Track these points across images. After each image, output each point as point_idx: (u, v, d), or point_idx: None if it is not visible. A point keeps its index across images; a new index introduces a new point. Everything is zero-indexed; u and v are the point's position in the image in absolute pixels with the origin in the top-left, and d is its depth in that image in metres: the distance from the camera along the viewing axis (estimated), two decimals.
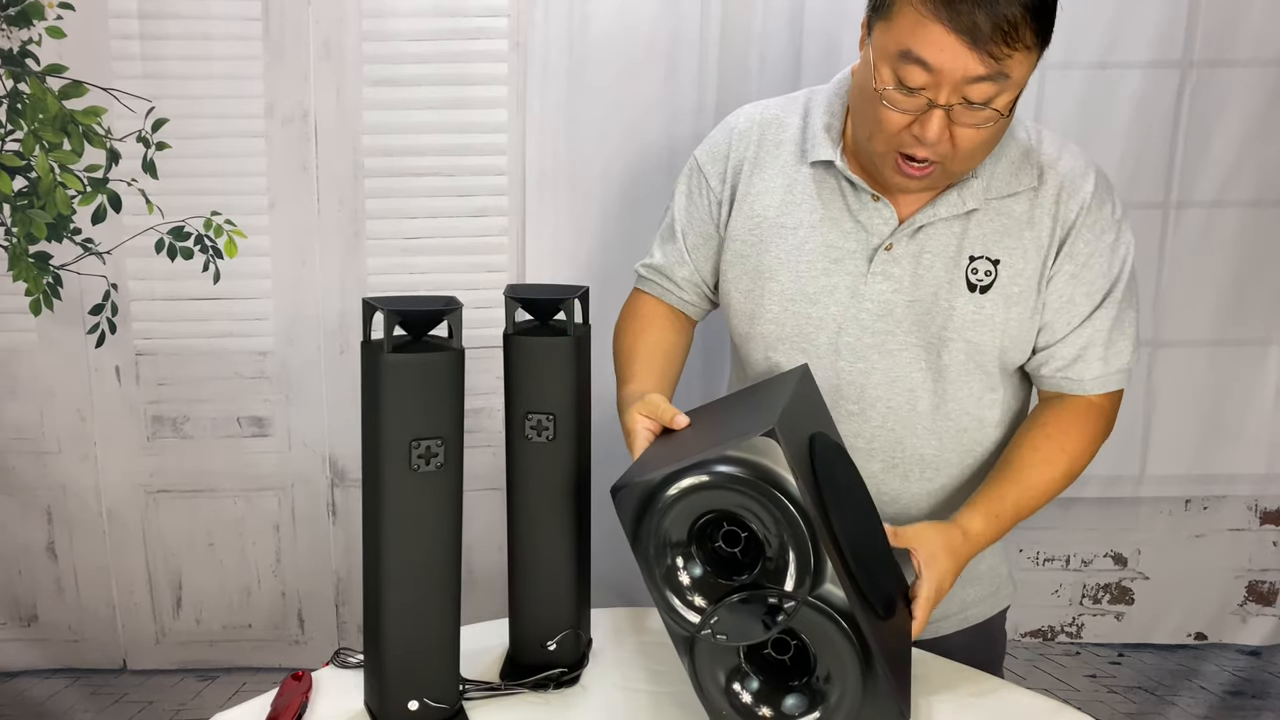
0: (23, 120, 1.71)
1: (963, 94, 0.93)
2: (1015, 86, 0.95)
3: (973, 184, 1.05)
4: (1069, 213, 1.06)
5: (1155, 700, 1.97)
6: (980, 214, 1.06)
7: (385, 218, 1.80)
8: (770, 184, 1.12)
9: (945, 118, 0.95)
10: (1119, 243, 1.08)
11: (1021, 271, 1.06)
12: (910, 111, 0.96)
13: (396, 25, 1.73)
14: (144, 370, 1.84)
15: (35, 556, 1.90)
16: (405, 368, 0.84)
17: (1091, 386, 1.10)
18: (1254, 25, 1.75)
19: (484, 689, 0.98)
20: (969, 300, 1.06)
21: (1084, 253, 1.06)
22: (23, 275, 1.78)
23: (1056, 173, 1.07)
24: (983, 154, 1.01)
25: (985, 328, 1.07)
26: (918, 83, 0.94)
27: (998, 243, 1.06)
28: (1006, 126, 1.00)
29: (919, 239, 1.07)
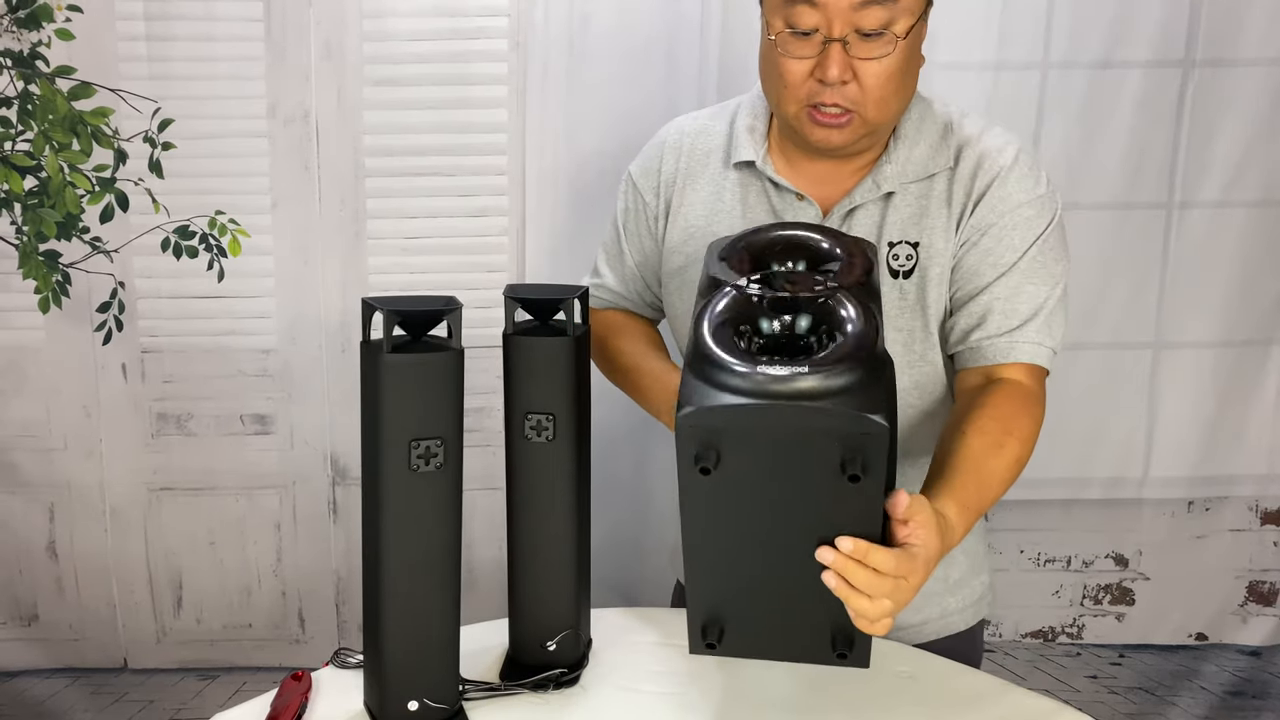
0: (33, 121, 1.72)
1: (855, 24, 0.93)
2: (907, 11, 0.95)
3: (886, 168, 1.05)
4: (981, 185, 1.04)
5: (1156, 701, 1.96)
6: (898, 198, 1.05)
7: (386, 217, 1.81)
8: (700, 194, 1.13)
9: (844, 53, 0.94)
10: (1037, 218, 1.04)
11: (941, 251, 1.04)
12: (808, 56, 0.96)
13: (397, 25, 1.73)
14: (149, 367, 1.85)
15: (36, 555, 1.91)
16: (405, 368, 0.84)
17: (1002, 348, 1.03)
18: (1256, 25, 1.74)
19: (484, 689, 0.98)
20: (893, 287, 1.05)
21: (991, 222, 1.03)
22: (32, 273, 1.79)
23: (974, 150, 1.05)
24: (895, 98, 0.99)
25: (911, 314, 1.06)
26: (809, 23, 0.94)
27: (915, 225, 1.05)
28: (913, 65, 0.99)
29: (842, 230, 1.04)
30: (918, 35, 0.98)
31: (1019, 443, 0.98)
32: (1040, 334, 1.04)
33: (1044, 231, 1.04)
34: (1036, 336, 1.04)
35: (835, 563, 0.76)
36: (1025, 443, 0.99)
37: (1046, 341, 1.04)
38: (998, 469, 0.96)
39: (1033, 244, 1.03)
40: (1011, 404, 1.00)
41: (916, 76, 1.03)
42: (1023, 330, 1.03)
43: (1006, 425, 0.98)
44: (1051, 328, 1.05)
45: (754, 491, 0.76)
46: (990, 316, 1.04)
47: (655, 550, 1.91)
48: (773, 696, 1.00)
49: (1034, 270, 1.04)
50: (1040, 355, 1.04)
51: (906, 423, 1.11)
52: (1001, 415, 0.98)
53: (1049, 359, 1.05)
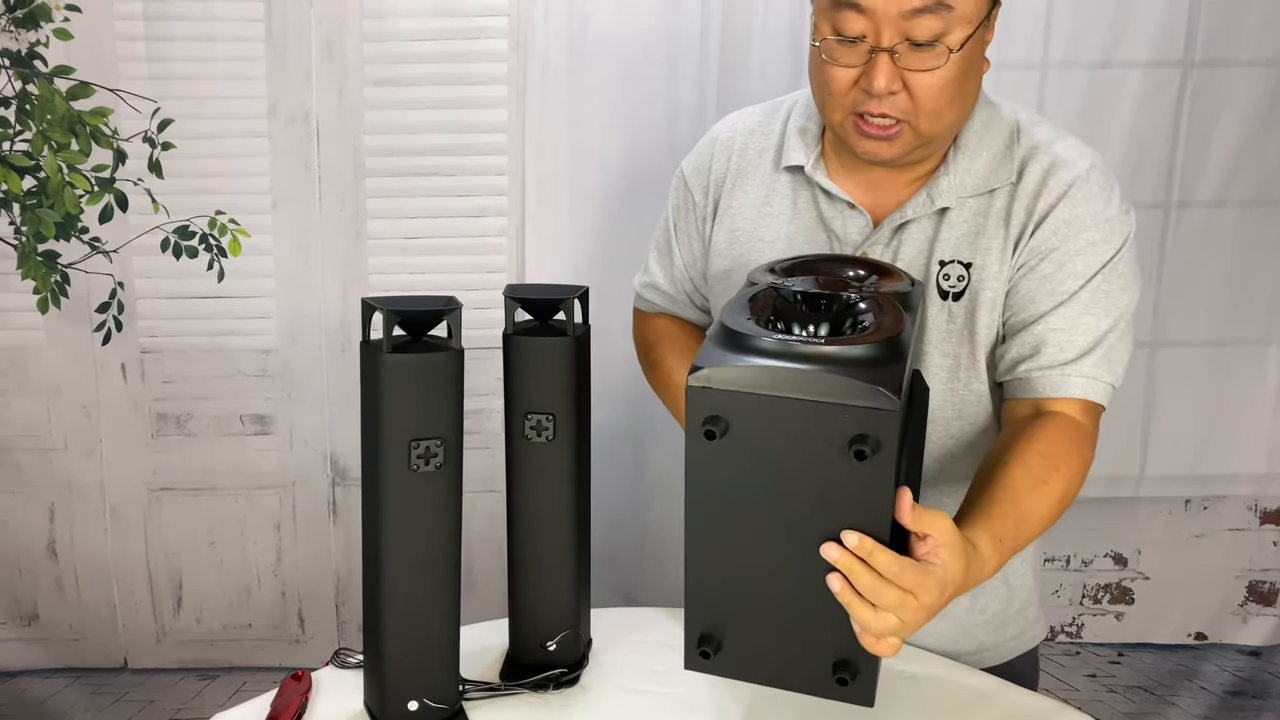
0: (32, 121, 1.72)
1: (906, 34, 0.86)
2: (964, 21, 0.87)
3: (943, 180, 0.98)
4: (1045, 204, 0.96)
5: (1155, 700, 1.97)
6: (954, 214, 0.98)
7: (386, 217, 1.81)
8: (749, 196, 1.08)
9: (892, 63, 0.88)
10: (1104, 243, 0.96)
11: (995, 274, 0.97)
12: (854, 64, 0.89)
13: (397, 25, 1.73)
14: (149, 368, 1.85)
15: (36, 555, 1.91)
16: (405, 368, 0.84)
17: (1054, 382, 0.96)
18: (1254, 25, 1.75)
19: (484, 689, 0.98)
20: (941, 309, 0.99)
21: (1053, 246, 0.95)
22: (31, 273, 1.79)
23: (1040, 163, 0.97)
24: (951, 109, 0.92)
25: (958, 339, 0.99)
26: (856, 29, 0.87)
27: (970, 244, 0.98)
28: (971, 74, 0.92)
29: (892, 245, 1.00)
30: (977, 43, 0.90)
31: (1064, 480, 0.91)
32: (1097, 368, 0.96)
33: (1111, 259, 0.96)
34: (1093, 371, 0.96)
35: (840, 560, 0.72)
36: (1071, 481, 0.92)
37: (1104, 376, 0.96)
38: (1039, 506, 0.89)
39: (1097, 272, 0.95)
40: (1060, 439, 0.93)
41: (978, 85, 0.95)
42: (1078, 364, 0.96)
43: (1053, 461, 0.91)
44: (1111, 361, 0.97)
45: (761, 472, 0.74)
46: (1044, 348, 0.96)
47: (655, 550, 1.91)
48: (773, 697, 1.00)
49: (1096, 300, 0.96)
50: (1096, 391, 0.96)
51: (946, 450, 1.05)
52: (1048, 450, 0.91)
53: (1106, 395, 0.97)
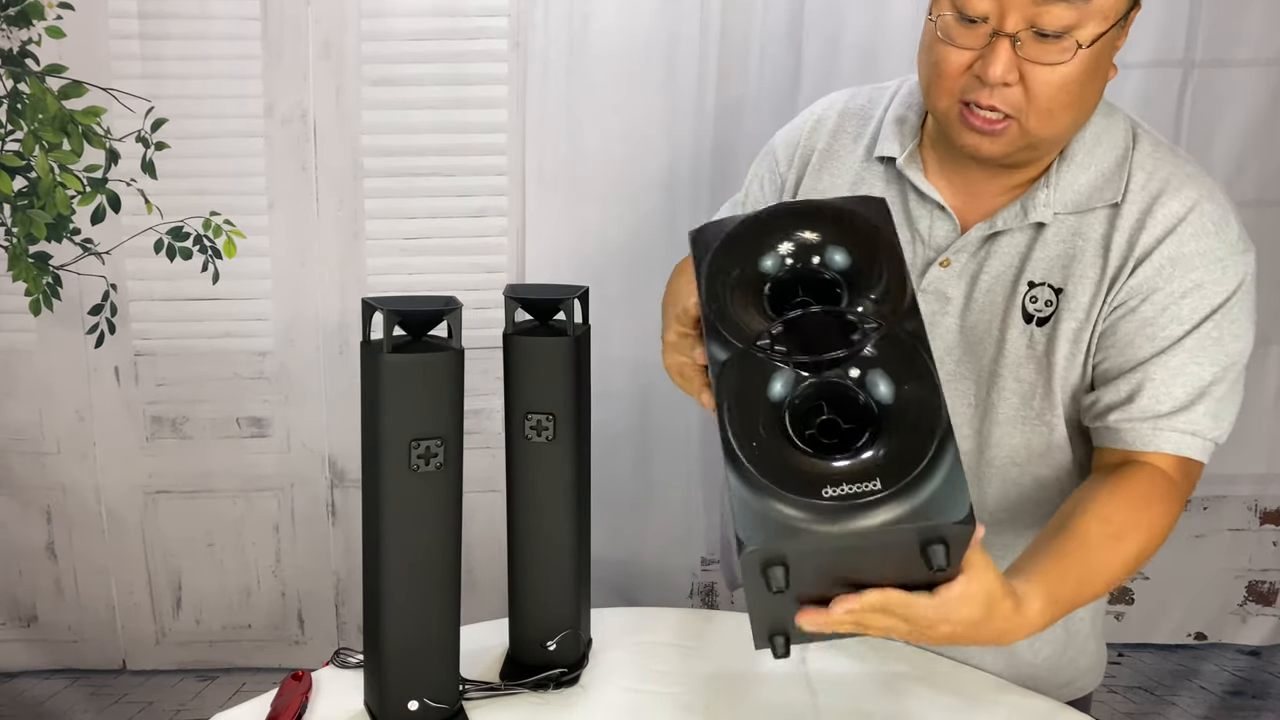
0: (23, 120, 1.71)
1: (1033, 21, 0.79)
2: (1100, 16, 0.79)
3: (1041, 193, 0.90)
4: (1149, 239, 0.87)
5: (1155, 700, 1.97)
6: (1050, 231, 0.90)
7: (385, 218, 1.80)
8: (837, 180, 1.01)
9: (1012, 51, 0.80)
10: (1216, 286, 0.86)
11: (1085, 307, 0.89)
12: (971, 47, 0.82)
13: (396, 25, 1.73)
14: (143, 370, 1.84)
15: (35, 557, 1.90)
16: (405, 368, 0.84)
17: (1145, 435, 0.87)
18: (1255, 25, 1.75)
19: (484, 689, 0.98)
20: (1022, 333, 0.92)
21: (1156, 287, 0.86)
22: (22, 275, 1.78)
23: (1148, 188, 0.88)
24: (1067, 113, 0.84)
25: (1036, 366, 0.92)
26: (980, 10, 0.80)
27: (1063, 268, 0.90)
28: (1096, 77, 0.84)
29: (979, 256, 0.93)
30: (1108, 44, 0.83)
31: (1143, 538, 0.85)
32: (1197, 422, 0.88)
33: (1223, 304, 0.87)
34: (1190, 425, 0.88)
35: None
36: (1152, 539, 0.86)
37: (1205, 431, 0.88)
38: (1110, 564, 0.84)
39: (1205, 319, 0.87)
40: (1145, 492, 0.86)
41: (1100, 90, 0.88)
42: (1173, 418, 0.88)
43: (1134, 516, 0.85)
44: (1215, 417, 0.89)
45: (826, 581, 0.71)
46: (1138, 398, 0.88)
47: (655, 550, 1.90)
48: (773, 696, 1.00)
49: (1202, 348, 0.87)
50: (1191, 447, 0.89)
51: (1014, 490, 0.98)
52: (1131, 503, 0.85)
53: (1204, 452, 0.89)
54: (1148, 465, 0.89)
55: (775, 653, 0.75)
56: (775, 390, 0.69)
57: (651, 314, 1.20)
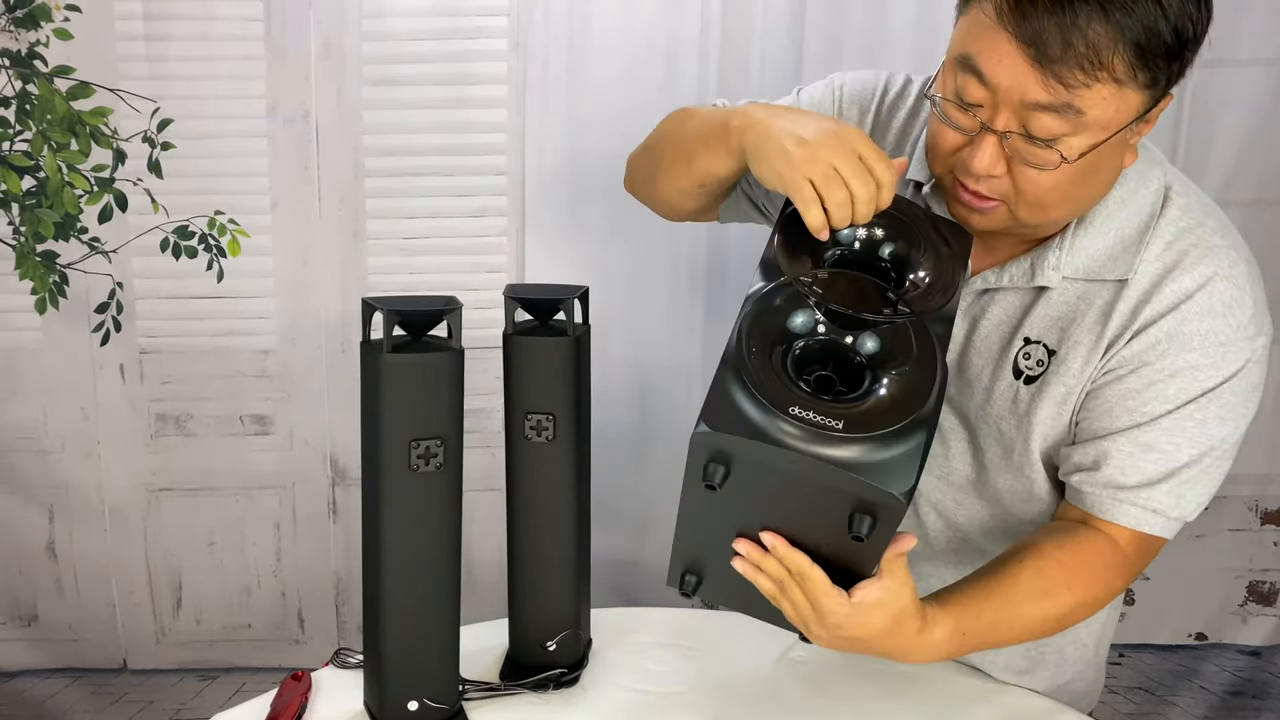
0: (31, 121, 1.71)
1: (1023, 123, 0.76)
2: (1096, 128, 0.74)
3: (1051, 256, 0.86)
4: (1150, 313, 0.83)
5: (1155, 700, 1.96)
6: (1054, 292, 0.87)
7: (385, 218, 1.80)
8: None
9: (999, 148, 0.77)
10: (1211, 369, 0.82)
11: (1074, 374, 0.87)
12: (964, 131, 0.80)
13: (396, 25, 1.73)
14: (148, 368, 1.85)
15: (35, 556, 1.91)
16: (404, 368, 0.84)
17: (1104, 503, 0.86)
18: (1255, 25, 1.74)
19: (484, 689, 0.98)
20: (1009, 387, 0.89)
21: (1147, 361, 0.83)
22: (29, 274, 1.78)
23: (1160, 260, 0.83)
24: (1059, 209, 0.81)
25: (1016, 423, 0.90)
26: (974, 98, 0.77)
27: (1060, 330, 0.87)
28: (1094, 178, 0.80)
29: (982, 301, 0.91)
30: (1111, 148, 0.77)
31: (1073, 600, 0.84)
32: (1158, 500, 0.85)
33: (1214, 388, 0.83)
34: (1151, 502, 0.85)
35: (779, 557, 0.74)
36: (1082, 604, 0.85)
37: (1167, 510, 0.85)
38: (1030, 616, 0.84)
39: (1190, 401, 0.83)
40: (1089, 559, 0.85)
41: (1109, 180, 0.83)
42: (1136, 492, 0.85)
43: (1070, 577, 0.84)
44: (1180, 497, 0.85)
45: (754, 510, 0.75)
46: (1105, 466, 0.85)
47: (655, 550, 1.91)
48: (772, 696, 1.00)
49: (1181, 429, 0.84)
50: (1150, 524, 0.86)
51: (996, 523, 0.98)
52: (1070, 565, 0.84)
53: (1165, 529, 0.87)
54: (1102, 533, 0.87)
55: (682, 589, 0.79)
56: (796, 322, 0.73)
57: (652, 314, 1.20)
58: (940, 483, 0.99)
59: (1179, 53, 0.73)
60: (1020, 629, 0.84)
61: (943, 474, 0.98)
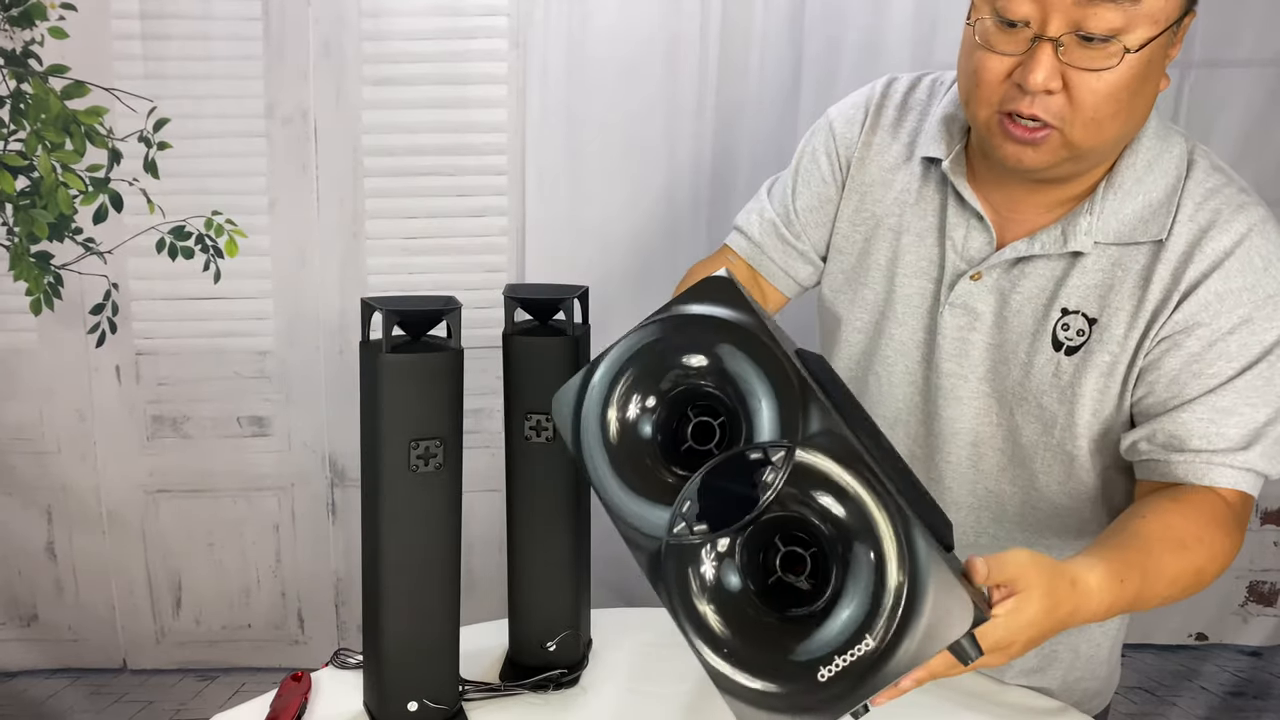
0: (25, 120, 1.71)
1: (1078, 24, 0.74)
2: (1149, 20, 0.74)
3: (1083, 220, 0.85)
4: (1194, 273, 0.82)
5: (1156, 700, 1.96)
6: (1090, 259, 0.86)
7: (385, 218, 1.80)
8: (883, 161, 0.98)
9: (1055, 57, 0.76)
10: (1269, 321, 0.82)
11: (1119, 340, 0.85)
12: (1012, 53, 0.77)
13: (396, 25, 1.73)
14: (144, 370, 1.84)
15: (35, 556, 1.91)
16: (404, 368, 0.84)
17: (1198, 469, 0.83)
18: (1254, 25, 1.75)
19: (483, 690, 0.97)
20: (1049, 360, 0.88)
21: (1202, 322, 0.82)
22: (24, 275, 1.78)
23: (1196, 219, 0.83)
24: (1113, 123, 0.79)
25: (1059, 396, 0.88)
26: (1020, 13, 0.76)
27: (1099, 298, 0.86)
28: (1146, 86, 0.78)
29: (1013, 275, 0.89)
30: (1158, 50, 0.77)
31: (1206, 554, 0.80)
32: (1254, 462, 0.83)
33: (1276, 342, 0.82)
34: (1247, 463, 0.83)
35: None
36: (1213, 558, 0.80)
37: (1260, 467, 0.83)
38: (1172, 567, 0.78)
39: (1258, 360, 0.82)
40: (1209, 512, 0.82)
41: (1150, 101, 0.82)
42: (1231, 455, 0.83)
43: (1197, 531, 0.80)
44: (1272, 457, 0.84)
45: None
46: (1189, 439, 0.83)
47: None
48: None
49: (1255, 390, 0.82)
50: (1246, 482, 0.84)
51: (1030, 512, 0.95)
52: (1195, 518, 0.81)
53: (1256, 486, 0.85)
54: (1210, 491, 0.84)
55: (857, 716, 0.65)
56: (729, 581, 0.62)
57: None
58: (970, 471, 0.96)
59: None
60: (1167, 581, 0.78)
61: (972, 461, 0.96)
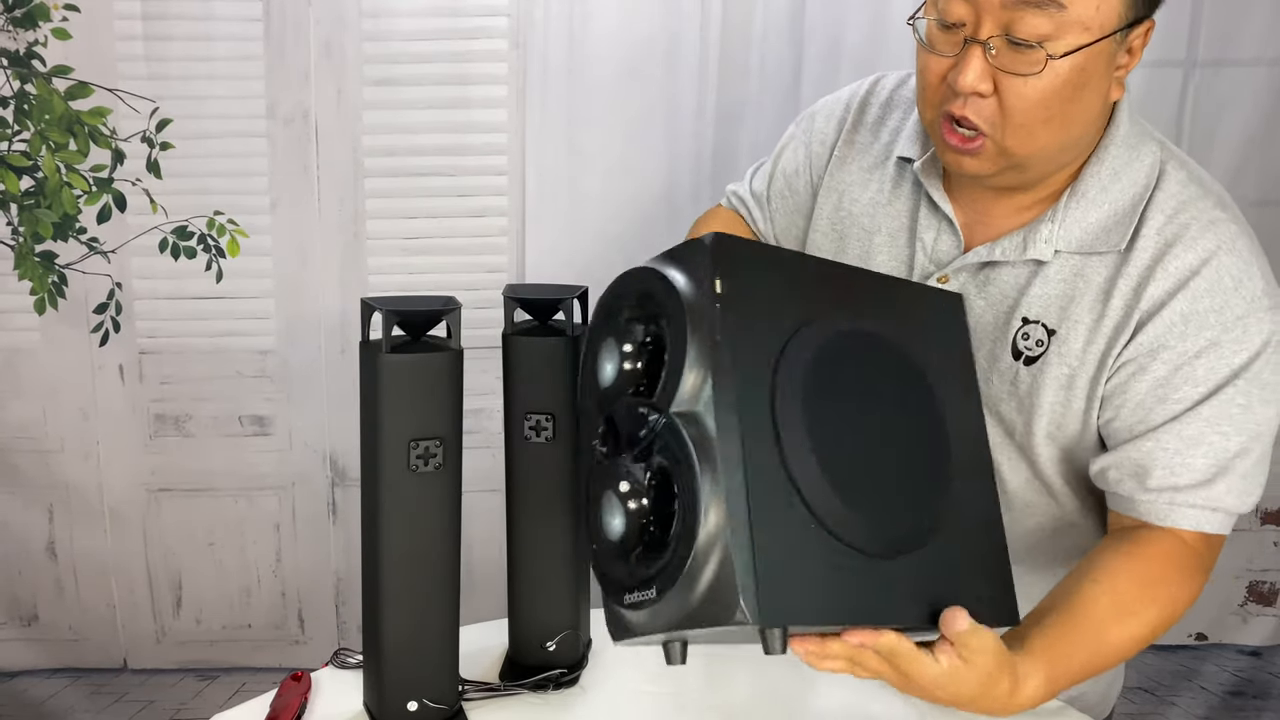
0: (30, 121, 1.71)
1: (1007, 28, 0.74)
2: (1079, 27, 0.74)
3: (1044, 228, 0.84)
4: (1157, 292, 0.80)
5: (1156, 700, 1.96)
6: (1052, 268, 0.84)
7: (385, 218, 1.80)
8: (862, 162, 0.97)
9: (984, 59, 0.76)
10: (1237, 345, 0.78)
11: (1077, 354, 0.83)
12: (948, 54, 0.78)
13: (396, 25, 1.73)
14: (147, 369, 1.85)
15: (36, 556, 1.91)
16: (403, 368, 0.84)
17: (1160, 510, 0.81)
18: (1257, 25, 1.74)
19: (483, 689, 0.98)
20: (1009, 368, 0.86)
21: (1167, 345, 0.79)
22: (28, 274, 1.78)
23: (1162, 232, 0.81)
24: (1045, 130, 0.78)
25: (1017, 405, 0.86)
26: (956, 14, 0.76)
27: (1060, 309, 0.84)
28: (1082, 95, 0.77)
29: (979, 279, 0.88)
30: (1096, 59, 0.76)
31: (1155, 614, 0.78)
32: (1219, 499, 0.80)
33: (1246, 365, 0.79)
34: (1211, 501, 0.80)
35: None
36: (1164, 615, 0.79)
37: (1228, 505, 0.81)
38: (1120, 639, 0.77)
39: (1226, 383, 0.79)
40: (1164, 568, 0.80)
41: (1093, 112, 0.80)
42: (1193, 492, 0.80)
43: (1150, 591, 0.78)
44: (1242, 493, 0.81)
45: None
46: (1153, 469, 0.80)
47: None
48: (772, 696, 1.00)
49: (1226, 417, 0.79)
50: (1212, 522, 0.81)
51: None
52: (1147, 579, 0.79)
53: (1224, 525, 0.82)
54: (1168, 534, 0.82)
55: (670, 659, 0.68)
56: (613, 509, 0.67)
57: None
58: None
59: None
60: (1116, 655, 0.79)
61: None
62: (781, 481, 0.62)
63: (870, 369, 0.70)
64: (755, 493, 0.60)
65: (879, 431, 0.68)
